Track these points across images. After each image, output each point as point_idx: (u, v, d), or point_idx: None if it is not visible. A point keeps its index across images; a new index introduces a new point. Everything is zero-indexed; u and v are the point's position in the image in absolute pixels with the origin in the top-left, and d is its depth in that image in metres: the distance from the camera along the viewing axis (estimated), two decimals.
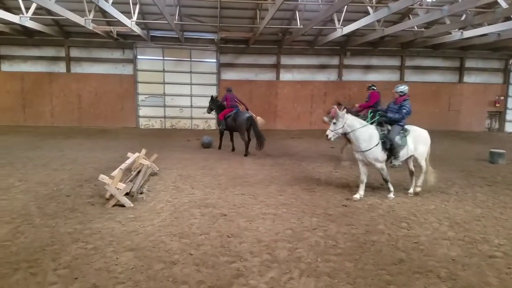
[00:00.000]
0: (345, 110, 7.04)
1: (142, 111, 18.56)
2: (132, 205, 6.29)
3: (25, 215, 5.70)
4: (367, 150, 6.77)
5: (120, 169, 6.81)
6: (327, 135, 6.84)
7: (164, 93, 18.53)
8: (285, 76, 19.05)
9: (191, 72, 18.48)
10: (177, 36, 16.48)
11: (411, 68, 19.84)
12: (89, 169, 9.01)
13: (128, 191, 6.43)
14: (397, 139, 6.90)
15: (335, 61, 19.39)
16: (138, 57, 18.16)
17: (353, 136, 6.85)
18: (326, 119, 9.58)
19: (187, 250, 4.61)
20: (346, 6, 12.10)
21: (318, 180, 8.43)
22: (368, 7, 12.37)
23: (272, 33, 17.27)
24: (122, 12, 12.47)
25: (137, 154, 8.47)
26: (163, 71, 18.33)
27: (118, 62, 18.16)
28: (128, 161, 7.81)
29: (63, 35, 16.99)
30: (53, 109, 17.98)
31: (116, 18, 12.44)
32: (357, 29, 13.56)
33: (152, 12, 15.21)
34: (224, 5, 14.18)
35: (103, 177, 6.44)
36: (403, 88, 7.28)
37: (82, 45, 17.78)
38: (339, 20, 13.96)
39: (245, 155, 11.31)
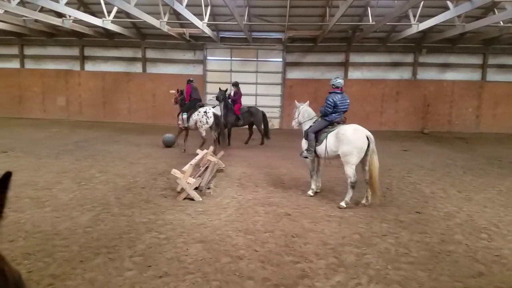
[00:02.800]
0: None
1: (212, 110, 19.14)
2: (200, 199, 6.54)
3: (105, 204, 6.18)
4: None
5: (191, 164, 7.09)
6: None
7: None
8: (354, 74, 18.48)
9: (257, 71, 18.71)
10: (245, 36, 16.78)
11: (495, 66, 18.13)
12: (162, 163, 9.52)
13: (197, 185, 6.69)
14: (311, 132, 6.87)
15: (409, 58, 18.36)
16: (208, 58, 18.81)
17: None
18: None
19: (252, 246, 4.67)
20: (423, 1, 11.39)
21: (388, 184, 8.02)
22: (448, 2, 11.52)
23: (341, 31, 16.84)
24: (194, 14, 12.98)
25: (205, 151, 8.77)
26: (231, 71, 18.77)
27: (189, 63, 18.97)
28: (197, 157, 8.11)
29: (140, 37, 18.16)
30: (130, 107, 19.27)
31: (189, 20, 12.99)
32: (435, 25, 12.70)
33: (222, 13, 15.66)
34: (293, 3, 14.13)
35: (175, 172, 6.78)
36: (334, 80, 6.84)
37: (157, 47, 18.85)
38: (414, 16, 13.19)
39: (262, 143, 13.11)
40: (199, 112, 11.07)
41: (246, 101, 18.85)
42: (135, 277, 3.83)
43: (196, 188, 6.66)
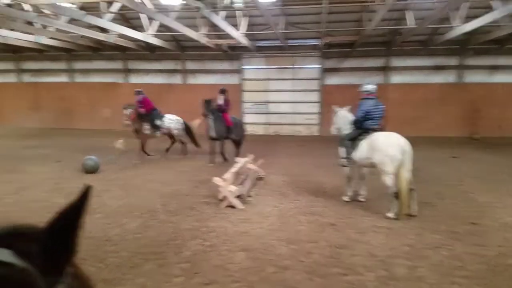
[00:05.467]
0: None
1: (247, 119, 19.33)
2: (242, 207, 6.56)
3: (152, 211, 6.35)
4: None
5: (232, 172, 7.15)
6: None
7: (267, 100, 19.05)
8: (395, 79, 17.97)
9: (293, 79, 18.68)
10: (281, 44, 16.83)
11: None
12: (203, 171, 9.66)
13: (238, 194, 6.73)
14: (347, 139, 6.74)
15: (453, 61, 17.59)
16: (244, 67, 19.03)
17: None
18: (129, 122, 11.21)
19: (296, 257, 4.59)
20: (465, 3, 10.92)
21: (439, 193, 7.57)
22: (494, 2, 10.97)
23: (380, 35, 16.48)
24: (231, 25, 13.19)
25: (245, 159, 8.81)
26: (267, 79, 18.87)
27: (226, 72, 19.27)
28: (238, 166, 8.16)
29: (180, 49, 18.68)
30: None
31: (226, 32, 13.22)
32: (481, 26, 12.13)
33: (258, 23, 15.81)
34: (329, 10, 14.02)
35: (216, 180, 6.85)
36: (365, 86, 6.67)
37: (195, 58, 19.30)
38: (459, 18, 12.67)
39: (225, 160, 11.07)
40: (170, 120, 11.85)
41: (283, 109, 19.01)
42: (183, 284, 3.88)
43: (237, 196, 6.70)
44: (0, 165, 10.12)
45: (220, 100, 11.03)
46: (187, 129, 12.05)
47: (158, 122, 11.45)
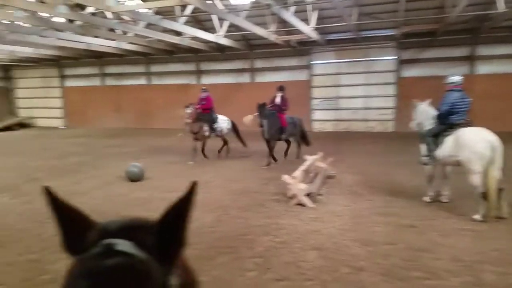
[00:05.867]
0: None
1: (316, 115, 19.03)
2: (313, 205, 6.45)
3: (223, 207, 6.51)
4: None
5: (302, 170, 7.05)
6: None
7: (338, 95, 18.54)
8: (483, 69, 16.35)
9: (366, 72, 17.93)
10: (353, 36, 16.26)
11: None
12: (272, 169, 9.68)
13: (308, 192, 6.63)
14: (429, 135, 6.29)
15: None
16: (314, 62, 18.72)
17: None
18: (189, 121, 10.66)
19: (372, 258, 4.41)
20: None
21: None
22: None
23: (464, 22, 15.10)
24: (301, 20, 13.04)
25: (314, 156, 8.64)
26: (338, 73, 18.36)
27: (295, 69, 19.13)
28: (307, 163, 8.04)
29: (248, 48, 18.96)
30: (239, 115, 20.18)
31: (295, 27, 13.10)
32: None
33: (329, 16, 15.44)
34: None
35: (285, 177, 6.82)
36: (451, 78, 6.09)
37: (264, 56, 19.46)
38: None
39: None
40: (222, 120, 11.75)
41: (355, 104, 18.34)
42: (256, 278, 3.92)
43: (307, 195, 6.60)
44: (88, 162, 11.15)
45: (278, 98, 10.54)
46: (235, 129, 11.97)
47: (214, 124, 11.34)
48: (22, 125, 23.58)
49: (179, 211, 0.77)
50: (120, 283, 0.65)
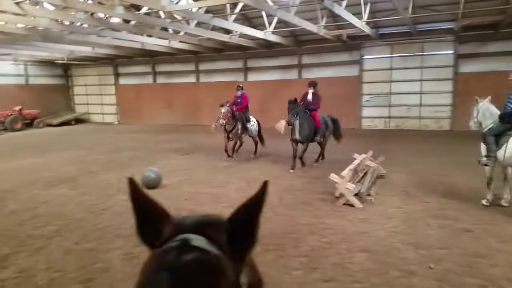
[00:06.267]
0: None
1: (366, 112, 18.43)
2: (361, 206, 6.25)
3: (269, 204, 6.45)
4: None
5: (350, 169, 6.84)
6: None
7: (390, 92, 17.82)
8: None
9: (421, 67, 17.05)
10: (407, 30, 15.52)
11: None
12: (317, 167, 9.51)
13: (357, 192, 6.43)
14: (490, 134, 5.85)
15: None
16: (365, 57, 18.13)
17: None
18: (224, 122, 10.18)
19: (425, 263, 4.22)
20: None
21: None
22: None
23: None
24: (352, 14, 12.66)
25: (363, 155, 8.36)
26: (390, 69, 17.64)
27: (344, 64, 18.64)
28: (356, 162, 7.78)
29: (297, 44, 18.75)
30: (285, 113, 20.06)
31: (346, 21, 12.75)
32: None
33: (382, 9, 14.86)
34: None
35: (333, 176, 6.65)
36: None
37: (312, 52, 19.15)
38: None
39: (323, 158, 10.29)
40: (253, 121, 11.26)
41: (408, 100, 17.52)
42: (302, 277, 3.87)
43: (355, 195, 6.40)
44: (140, 157, 11.63)
45: (309, 95, 9.55)
46: (258, 127, 11.48)
47: (247, 124, 10.89)
48: (78, 121, 25.12)
49: (251, 210, 0.78)
50: (197, 277, 0.67)
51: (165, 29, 15.02)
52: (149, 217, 0.82)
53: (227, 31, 15.75)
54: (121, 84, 25.50)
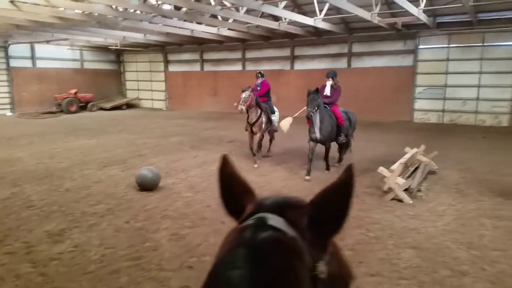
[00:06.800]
0: None
1: (419, 104, 17.59)
2: (411, 202, 6.02)
3: (312, 195, 6.37)
4: None
5: (400, 163, 6.57)
6: None
7: (445, 84, 16.84)
8: None
9: (481, 59, 15.92)
10: (468, 19, 14.52)
11: None
12: (365, 160, 9.22)
13: (407, 187, 6.18)
14: None
15: None
16: (420, 46, 17.21)
17: None
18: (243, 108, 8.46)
19: (478, 264, 4.05)
20: None
21: None
22: None
23: None
24: (409, 1, 12.02)
25: (415, 149, 7.99)
26: (447, 59, 16.63)
27: (397, 54, 17.83)
28: (406, 156, 7.46)
29: (348, 32, 18.17)
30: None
31: (402, 9, 12.15)
32: None
33: None
34: None
35: (382, 170, 6.43)
36: None
37: (363, 40, 18.50)
38: None
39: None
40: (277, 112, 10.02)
41: (464, 94, 16.49)
42: None
43: (405, 190, 6.15)
44: (187, 142, 11.94)
45: (327, 88, 8.06)
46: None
47: (272, 116, 9.48)
48: (129, 106, 26.16)
49: (338, 194, 0.74)
50: (270, 256, 0.66)
51: (215, 16, 15.14)
52: (235, 193, 0.85)
53: (276, 18, 15.58)
54: (170, 71, 26.17)
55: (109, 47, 23.80)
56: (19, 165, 8.78)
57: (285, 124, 8.54)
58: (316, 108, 7.32)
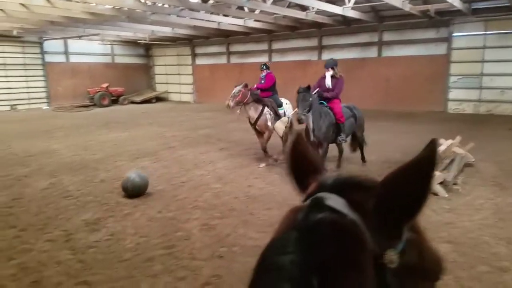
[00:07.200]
0: None
1: (453, 94, 16.94)
2: (446, 195, 5.84)
3: None
4: None
5: None
6: None
7: (481, 72, 16.12)
8: None
9: None
10: (506, 4, 13.79)
11: None
12: (396, 152, 8.96)
13: (442, 180, 6.00)
14: None
15: None
16: (454, 34, 16.51)
17: None
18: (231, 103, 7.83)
19: None
20: None
21: None
22: None
23: None
24: None
25: (450, 141, 7.70)
26: (483, 47, 15.89)
27: (430, 42, 17.18)
28: (441, 148, 7.21)
29: (378, 20, 17.65)
30: (362, 93, 19.18)
31: None
32: None
33: None
34: None
35: None
36: None
37: (394, 28, 17.94)
38: None
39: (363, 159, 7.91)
40: (287, 104, 8.92)
41: (503, 83, 15.74)
42: None
43: (440, 183, 5.97)
44: (215, 135, 12.06)
45: (327, 80, 7.19)
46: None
47: (280, 109, 8.47)
48: (158, 99, 26.62)
49: (413, 173, 0.65)
50: (325, 240, 0.60)
51: (241, 8, 15.10)
52: (303, 171, 0.80)
53: (303, 8, 15.36)
54: (197, 64, 26.40)
55: (138, 42, 24.26)
56: (55, 157, 9.13)
57: (280, 126, 7.76)
58: (307, 108, 6.47)
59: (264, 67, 9.20)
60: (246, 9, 15.23)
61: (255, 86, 8.72)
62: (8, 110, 20.85)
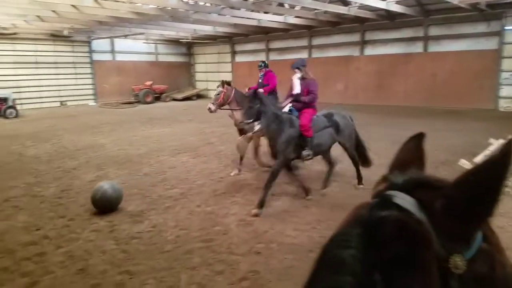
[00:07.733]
0: None
1: (505, 91, 15.92)
2: None
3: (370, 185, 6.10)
4: None
5: (485, 156, 6.02)
6: None
7: None
8: None
9: None
10: None
11: None
12: (444, 151, 8.56)
13: None
14: None
15: None
16: (507, 28, 15.50)
17: None
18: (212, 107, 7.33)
19: None
20: None
21: None
22: None
23: None
24: None
25: (501, 140, 7.25)
26: None
27: (480, 36, 16.24)
28: (492, 148, 6.82)
29: (423, 14, 16.93)
30: (407, 89, 18.52)
31: None
32: None
33: None
34: None
35: (464, 162, 5.97)
36: None
37: (441, 22, 17.12)
38: None
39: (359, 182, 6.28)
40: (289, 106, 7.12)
41: None
42: None
43: None
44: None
45: (296, 83, 5.95)
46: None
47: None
48: (199, 96, 27.11)
49: (485, 175, 0.63)
50: (388, 237, 0.59)
51: (281, 5, 15.03)
52: (404, 165, 0.80)
53: (345, 3, 15.05)
54: (237, 61, 26.62)
55: (181, 40, 24.82)
56: (102, 151, 9.58)
57: (241, 145, 7.13)
58: (253, 118, 5.41)
59: (263, 65, 8.16)
60: (286, 5, 15.15)
61: (262, 90, 7.10)
62: (58, 106, 22.08)
